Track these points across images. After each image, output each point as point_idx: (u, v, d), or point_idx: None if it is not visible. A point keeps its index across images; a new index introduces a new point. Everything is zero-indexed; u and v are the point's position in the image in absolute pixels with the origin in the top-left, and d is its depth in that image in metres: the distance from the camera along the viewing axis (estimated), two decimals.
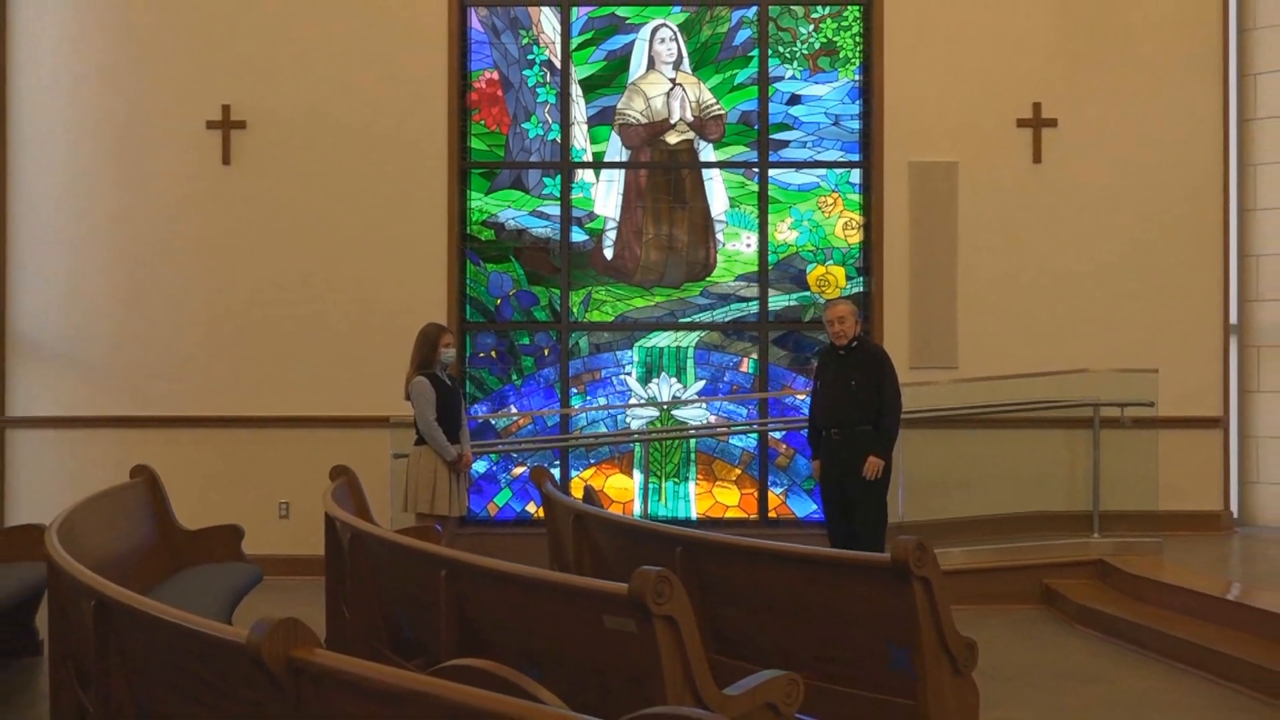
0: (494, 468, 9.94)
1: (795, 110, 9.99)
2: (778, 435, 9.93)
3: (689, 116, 10.04)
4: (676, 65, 10.05)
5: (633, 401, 10.00)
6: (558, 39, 9.99)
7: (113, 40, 9.77)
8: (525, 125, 10.02)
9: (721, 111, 10.01)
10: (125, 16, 9.75)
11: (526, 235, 10.00)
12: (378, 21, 9.71)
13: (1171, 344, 9.58)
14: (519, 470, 9.88)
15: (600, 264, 10.02)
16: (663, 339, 10.02)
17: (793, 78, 9.99)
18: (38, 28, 9.76)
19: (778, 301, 9.98)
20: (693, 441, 9.97)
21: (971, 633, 4.60)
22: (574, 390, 9.97)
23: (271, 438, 9.60)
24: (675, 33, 10.04)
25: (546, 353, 10.01)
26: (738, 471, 9.96)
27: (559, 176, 9.96)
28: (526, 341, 10.03)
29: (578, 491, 8.70)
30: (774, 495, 9.93)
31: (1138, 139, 9.74)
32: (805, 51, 10.00)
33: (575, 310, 9.97)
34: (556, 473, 9.67)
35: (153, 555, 6.78)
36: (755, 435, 9.91)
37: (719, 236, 10.01)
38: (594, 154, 10.03)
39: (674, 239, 10.03)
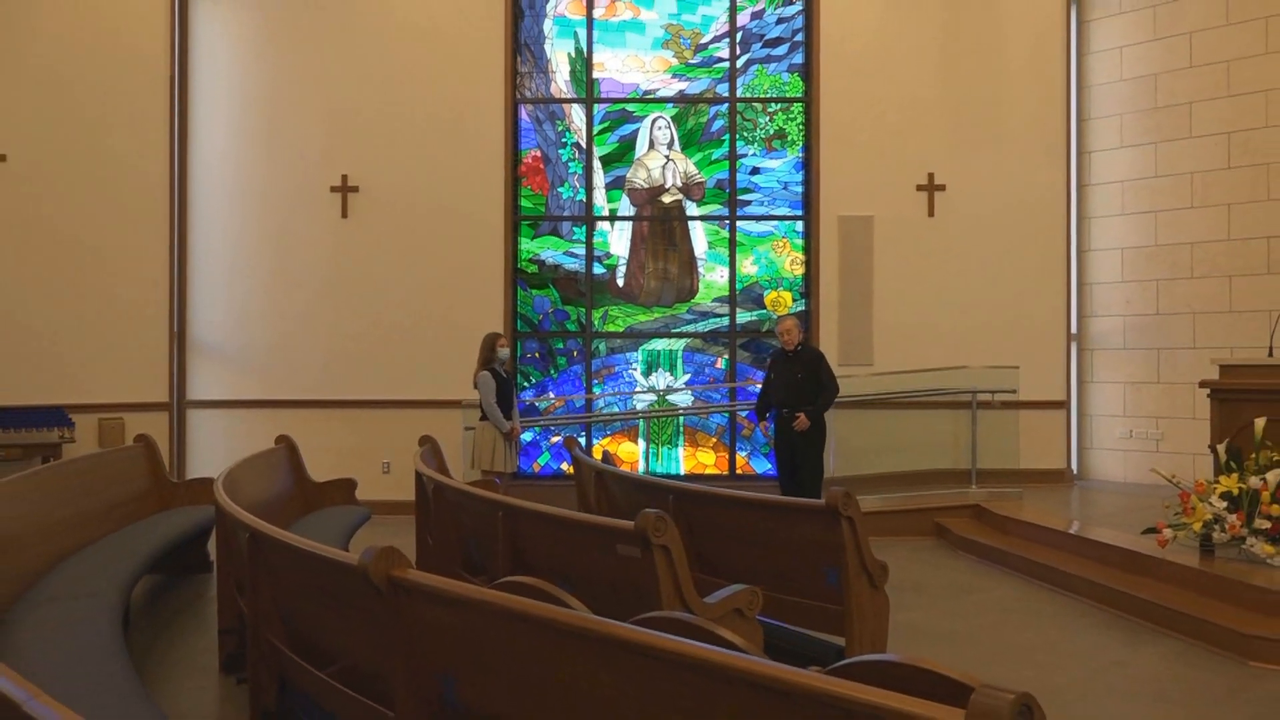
0: (537, 437, 9.92)
1: (755, 178, 9.96)
2: (743, 414, 9.90)
3: (679, 183, 10.00)
4: (670, 145, 10.02)
5: (637, 389, 9.98)
6: (584, 127, 9.97)
7: (263, 125, 9.75)
8: (560, 189, 9.99)
9: (702, 179, 9.98)
10: (271, 110, 9.73)
11: (560, 269, 9.98)
12: (454, 114, 9.68)
13: (1029, 347, 9.55)
14: (556, 439, 9.87)
15: (614, 290, 9.99)
16: (660, 344, 9.99)
17: (754, 154, 9.95)
18: (209, 113, 9.74)
19: (743, 317, 9.94)
20: (681, 418, 9.94)
21: (884, 557, 4.58)
22: (595, 381, 9.95)
23: (377, 415, 9.59)
24: (669, 122, 10.02)
25: (575, 354, 9.98)
26: (714, 440, 9.93)
27: (584, 226, 9.95)
28: (560, 346, 10.00)
29: (598, 454, 8.69)
30: (740, 457, 9.89)
31: (1005, 199, 9.70)
32: (763, 135, 9.96)
33: (596, 323, 9.94)
34: (583, 440, 9.66)
35: (290, 500, 6.78)
36: (726, 414, 9.89)
37: (700, 270, 9.97)
38: (610, 210, 10.01)
39: (668, 271, 9.99)
